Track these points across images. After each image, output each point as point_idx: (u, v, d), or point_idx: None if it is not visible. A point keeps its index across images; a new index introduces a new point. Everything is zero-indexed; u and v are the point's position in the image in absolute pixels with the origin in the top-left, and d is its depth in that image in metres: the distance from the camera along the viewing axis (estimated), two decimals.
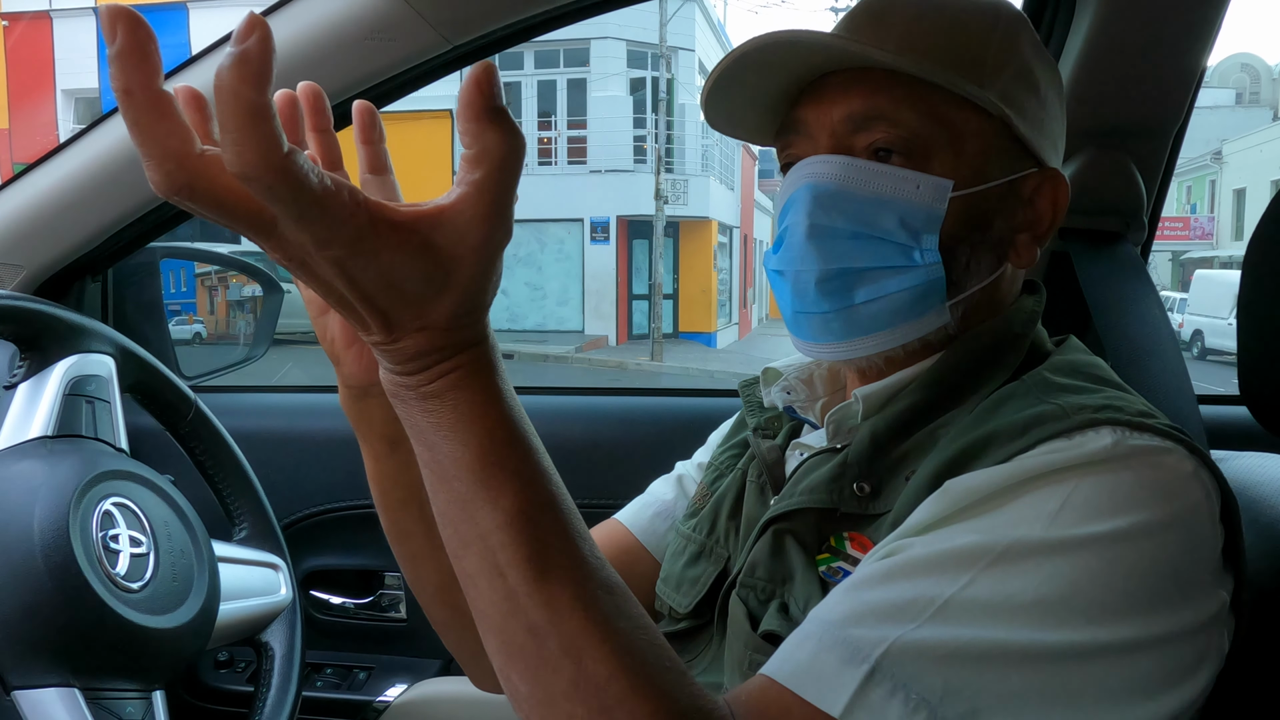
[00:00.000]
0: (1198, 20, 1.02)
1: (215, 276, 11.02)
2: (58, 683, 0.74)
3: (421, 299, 0.42)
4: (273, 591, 1.04)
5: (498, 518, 0.44)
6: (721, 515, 0.75)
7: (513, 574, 0.44)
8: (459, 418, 0.44)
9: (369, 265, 0.40)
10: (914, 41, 0.64)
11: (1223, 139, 23.82)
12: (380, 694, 1.32)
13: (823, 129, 0.65)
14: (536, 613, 0.44)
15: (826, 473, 0.64)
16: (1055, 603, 0.49)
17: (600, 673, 0.44)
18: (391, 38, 1.01)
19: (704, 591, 0.72)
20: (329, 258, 0.39)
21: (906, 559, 0.52)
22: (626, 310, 16.92)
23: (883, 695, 0.47)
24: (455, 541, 0.46)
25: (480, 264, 0.42)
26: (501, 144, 0.40)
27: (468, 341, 0.44)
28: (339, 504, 1.37)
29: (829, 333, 0.65)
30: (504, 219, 0.42)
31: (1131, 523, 0.51)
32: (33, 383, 0.87)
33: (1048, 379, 0.62)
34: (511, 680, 0.46)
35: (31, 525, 0.76)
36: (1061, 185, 0.67)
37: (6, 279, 1.17)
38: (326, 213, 0.38)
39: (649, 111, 15.94)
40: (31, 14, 17.27)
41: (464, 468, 0.44)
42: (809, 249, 0.64)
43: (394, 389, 0.45)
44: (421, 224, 0.41)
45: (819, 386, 0.76)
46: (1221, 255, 23.65)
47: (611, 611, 0.45)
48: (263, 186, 0.36)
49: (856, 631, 0.49)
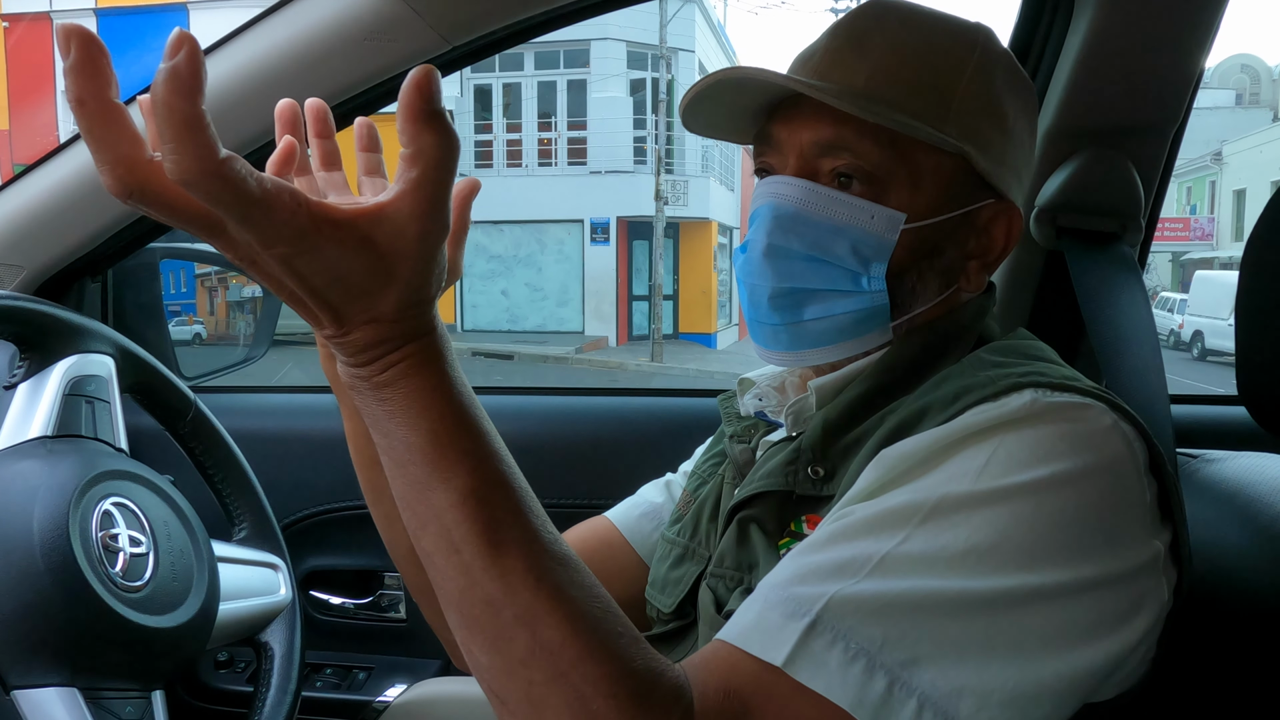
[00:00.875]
0: (1196, 20, 1.02)
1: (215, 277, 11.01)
2: (57, 682, 0.74)
3: (367, 292, 0.44)
4: (272, 591, 1.04)
5: (451, 497, 0.47)
6: (703, 518, 0.78)
7: (467, 549, 0.47)
8: (410, 404, 0.47)
9: (313, 261, 0.42)
10: (884, 75, 0.66)
11: (1223, 140, 23.80)
12: (380, 694, 1.33)
13: (792, 149, 0.68)
14: (491, 585, 0.47)
15: (782, 458, 0.67)
16: (986, 551, 0.51)
17: (554, 639, 0.46)
18: (391, 39, 1.01)
19: (686, 590, 0.74)
20: (275, 255, 0.42)
21: (845, 524, 0.55)
22: (627, 311, 16.92)
23: (823, 645, 0.49)
24: (414, 522, 0.48)
25: (420, 257, 0.44)
26: (437, 145, 0.43)
27: (415, 332, 0.47)
28: (338, 504, 1.37)
29: (778, 342, 0.70)
30: (439, 215, 0.44)
31: (1053, 471, 0.54)
32: (33, 383, 0.87)
33: (982, 358, 0.66)
34: (473, 653, 0.49)
35: (31, 525, 0.76)
36: (1016, 217, 0.70)
37: (6, 279, 1.17)
38: (268, 214, 0.40)
39: (649, 112, 15.95)
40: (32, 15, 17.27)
41: (417, 451, 0.47)
42: (765, 266, 0.68)
43: (349, 380, 0.48)
44: (361, 221, 0.43)
45: (790, 393, 0.79)
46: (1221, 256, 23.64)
47: (564, 581, 0.48)
48: (202, 191, 0.38)
49: (799, 589, 0.52)
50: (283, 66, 1.05)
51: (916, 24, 0.69)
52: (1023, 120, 0.71)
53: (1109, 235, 1.08)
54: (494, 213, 15.78)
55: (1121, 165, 1.08)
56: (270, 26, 1.05)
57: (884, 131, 0.65)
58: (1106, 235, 1.08)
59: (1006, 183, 0.70)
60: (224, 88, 1.06)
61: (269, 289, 0.45)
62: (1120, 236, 1.08)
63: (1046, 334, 0.77)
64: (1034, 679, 0.50)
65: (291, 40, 1.04)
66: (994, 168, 0.68)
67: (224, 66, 1.06)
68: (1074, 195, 1.08)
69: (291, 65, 1.05)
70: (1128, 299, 0.98)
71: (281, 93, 1.06)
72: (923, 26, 0.69)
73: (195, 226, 0.41)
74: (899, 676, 0.48)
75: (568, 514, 0.92)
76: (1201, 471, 0.84)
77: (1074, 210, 1.08)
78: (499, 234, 16.42)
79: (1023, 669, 0.50)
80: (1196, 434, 1.16)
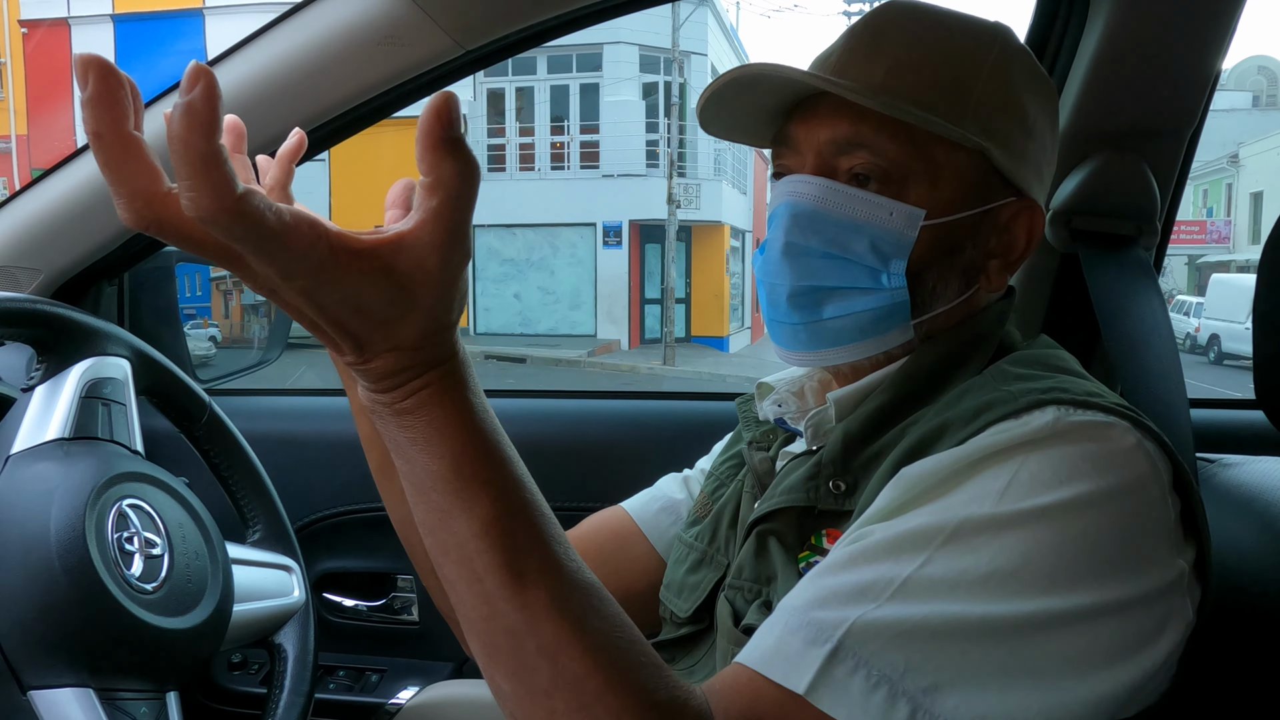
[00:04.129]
0: (1213, 22, 1.02)
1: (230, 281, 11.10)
2: (73, 683, 0.74)
3: (388, 321, 0.44)
4: (286, 593, 1.04)
5: (473, 526, 0.46)
6: (722, 524, 0.77)
7: (490, 579, 0.47)
8: (433, 432, 0.46)
9: (333, 292, 0.42)
10: (901, 72, 0.66)
11: (1239, 142, 23.61)
12: (392, 696, 1.33)
13: (810, 148, 0.68)
14: (514, 615, 0.47)
15: (803, 473, 0.67)
16: (1008, 575, 0.51)
17: (577, 670, 0.46)
18: (404, 43, 1.01)
19: (703, 597, 0.74)
20: (295, 288, 0.42)
21: (866, 544, 0.54)
22: (639, 314, 16.92)
23: (845, 672, 0.49)
24: (436, 550, 0.48)
25: (441, 285, 0.44)
26: (456, 173, 0.42)
27: (437, 359, 0.46)
28: (352, 507, 1.38)
29: (797, 341, 0.69)
30: (460, 243, 0.44)
31: (1077, 493, 0.53)
32: (50, 385, 0.88)
33: (1004, 370, 0.65)
34: (495, 679, 0.49)
35: (48, 526, 0.76)
36: (1038, 215, 0.70)
37: (24, 282, 1.18)
38: (286, 247, 0.40)
39: (661, 116, 15.96)
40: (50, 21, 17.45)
41: (439, 479, 0.46)
42: (783, 264, 0.67)
43: (372, 405, 0.47)
44: (382, 251, 0.42)
45: (809, 398, 0.78)
46: (1238, 259, 23.45)
47: (586, 611, 0.48)
48: (220, 228, 0.38)
49: (820, 614, 0.51)
50: (297, 72, 1.06)
51: (933, 23, 0.69)
52: (1044, 118, 0.70)
53: (1125, 238, 1.07)
54: (507, 216, 15.81)
55: (1137, 168, 1.07)
56: (285, 32, 1.06)
57: (901, 128, 0.64)
58: (1122, 238, 1.07)
59: (1027, 180, 0.69)
60: (239, 93, 1.06)
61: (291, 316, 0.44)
62: (1136, 240, 1.08)
63: (1061, 338, 0.76)
64: (1058, 704, 0.50)
65: (306, 45, 1.04)
66: (1014, 165, 0.68)
67: (239, 72, 1.07)
68: (1089, 198, 1.07)
69: (306, 70, 1.05)
70: (1144, 303, 0.97)
71: (296, 98, 1.07)
72: (939, 25, 0.69)
73: (214, 258, 0.42)
74: (921, 704, 0.48)
75: (579, 517, 0.92)
76: (1219, 476, 0.83)
77: (1089, 213, 1.07)
78: (512, 237, 16.46)
79: (1046, 694, 0.49)
80: (1214, 438, 1.15)
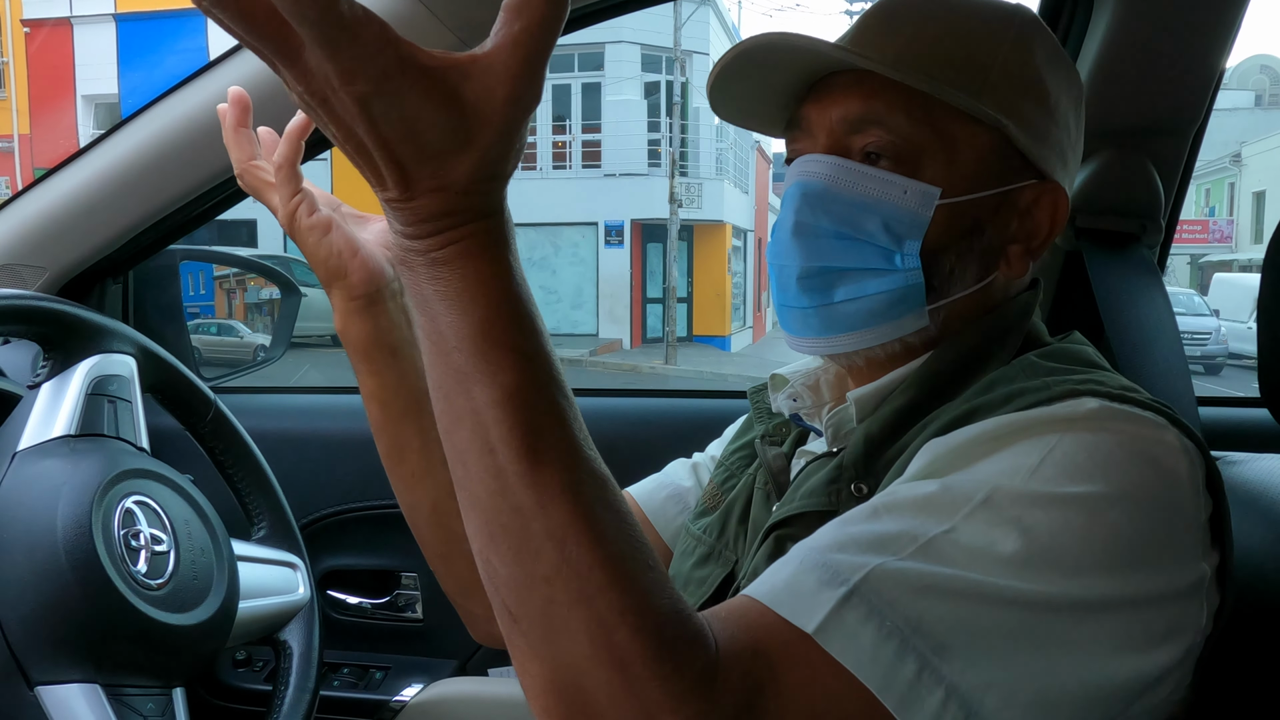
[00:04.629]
0: (1217, 20, 1.02)
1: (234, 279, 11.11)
2: (80, 679, 0.75)
3: (441, 154, 0.41)
4: (291, 590, 1.04)
5: (494, 393, 0.43)
6: (732, 519, 0.75)
7: (504, 451, 0.43)
8: (465, 287, 0.43)
9: (392, 108, 0.39)
10: (917, 47, 0.64)
11: (1242, 141, 23.57)
12: (397, 693, 1.33)
13: (822, 128, 0.66)
14: (524, 493, 0.43)
15: (824, 476, 0.64)
16: (1034, 555, 0.49)
17: (583, 560, 0.43)
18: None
19: (710, 593, 0.72)
20: (352, 94, 0.38)
21: (891, 500, 0.53)
22: (640, 314, 16.92)
23: (857, 619, 0.47)
24: (448, 416, 0.45)
25: (505, 123, 0.41)
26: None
27: (483, 210, 0.43)
28: (356, 504, 1.38)
29: (808, 327, 0.67)
30: (535, 79, 0.40)
31: (1110, 482, 0.51)
32: (56, 382, 0.88)
33: (1034, 362, 0.63)
34: (491, 563, 0.45)
35: (55, 523, 0.77)
36: (1062, 199, 0.67)
37: (30, 280, 1.18)
38: (354, 42, 0.37)
39: (663, 115, 15.95)
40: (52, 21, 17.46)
41: (465, 339, 0.43)
42: (793, 245, 0.65)
43: (403, 255, 0.44)
44: (451, 73, 0.39)
45: (825, 392, 0.76)
46: (1241, 258, 23.41)
47: (600, 502, 0.45)
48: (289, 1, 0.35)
49: (838, 556, 0.50)
50: None
51: (951, 3, 0.67)
52: (1067, 100, 0.68)
53: (1128, 236, 1.07)
54: None
55: (1141, 165, 1.07)
56: None
57: (917, 104, 0.63)
58: (1125, 236, 1.07)
59: (1050, 162, 0.66)
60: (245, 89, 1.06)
61: (335, 139, 0.41)
62: (1139, 238, 1.08)
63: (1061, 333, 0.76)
64: (1058, 683, 0.49)
65: None
66: (1035, 145, 0.65)
67: (244, 69, 1.07)
68: (1093, 196, 1.07)
69: None
70: (1148, 302, 0.97)
71: None
72: (957, 6, 0.67)
73: (271, 45, 0.38)
74: (929, 662, 0.47)
75: None
76: (1224, 473, 0.83)
77: (1093, 211, 1.07)
78: None
79: (1050, 671, 0.49)
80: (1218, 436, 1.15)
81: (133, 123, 1.13)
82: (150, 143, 1.12)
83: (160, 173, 1.12)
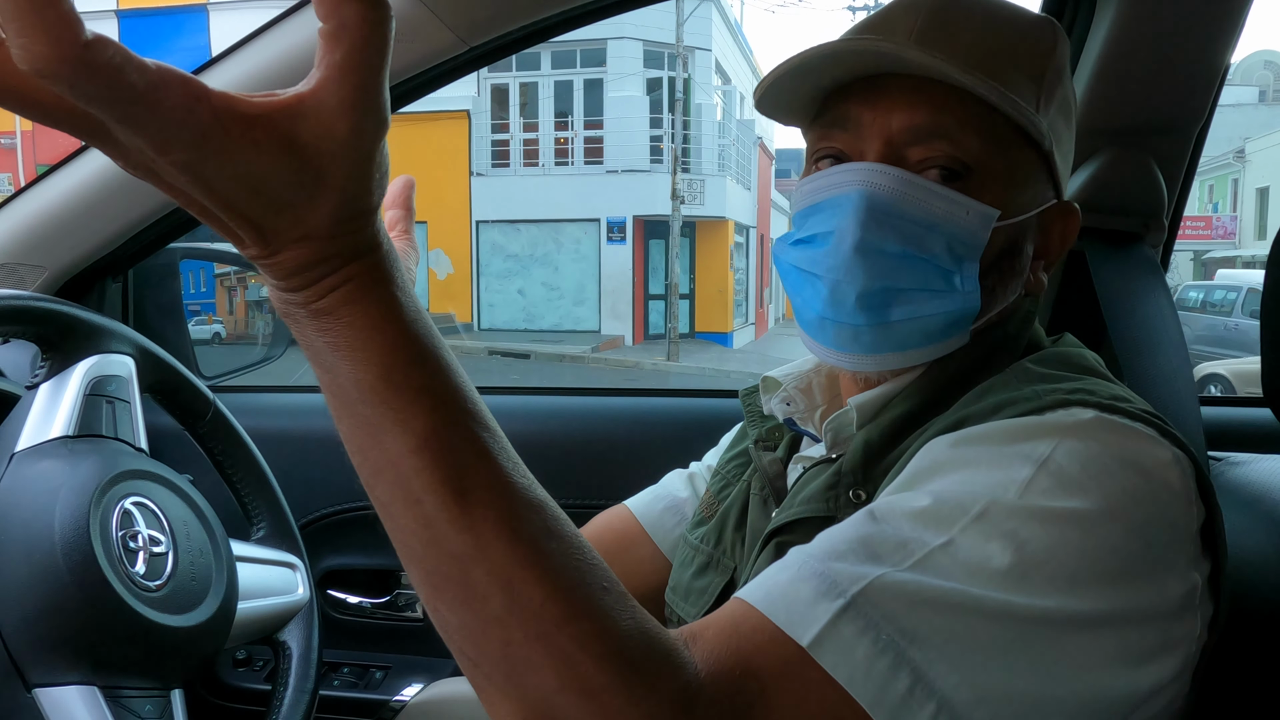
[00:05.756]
0: (1221, 16, 1.01)
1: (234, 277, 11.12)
2: (78, 681, 0.74)
3: (293, 204, 0.37)
4: (290, 591, 1.04)
5: (409, 441, 0.41)
6: (728, 527, 0.75)
7: (430, 500, 0.41)
8: (356, 335, 0.40)
9: (222, 168, 0.35)
10: (984, 59, 0.62)
11: (1245, 137, 23.51)
12: (397, 693, 1.33)
13: (877, 134, 0.63)
14: (458, 539, 0.41)
15: (823, 482, 0.64)
16: (1030, 569, 0.49)
17: (534, 596, 0.41)
18: (408, 39, 1.01)
19: (711, 602, 0.72)
20: (174, 162, 0.35)
21: (888, 508, 0.53)
22: (643, 310, 16.91)
23: (854, 632, 0.46)
24: (366, 470, 0.43)
25: (354, 159, 0.37)
26: (362, 16, 0.35)
27: (356, 250, 0.40)
28: (356, 504, 1.38)
29: (857, 344, 0.65)
30: (374, 105, 0.37)
31: (1104, 494, 0.51)
32: (54, 383, 0.88)
33: (1028, 369, 0.63)
34: (440, 613, 0.44)
35: (52, 524, 0.77)
36: (1073, 217, 0.68)
37: (29, 280, 1.18)
38: (154, 112, 0.33)
39: (666, 111, 15.92)
40: None
41: (367, 389, 0.40)
42: (856, 261, 0.61)
43: (283, 308, 0.41)
44: (279, 117, 0.36)
45: (817, 395, 0.76)
46: (1244, 254, 23.36)
47: (541, 532, 0.42)
48: (65, 86, 0.31)
49: (836, 565, 0.49)
50: (302, 67, 1.05)
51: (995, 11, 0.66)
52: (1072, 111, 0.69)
53: (1131, 235, 1.07)
54: (511, 212, 15.82)
55: (1144, 164, 1.07)
56: (289, 27, 1.06)
57: (985, 123, 0.61)
58: (1128, 235, 1.07)
59: (1066, 181, 0.67)
60: (246, 87, 1.06)
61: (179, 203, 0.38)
62: (1142, 237, 1.07)
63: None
64: (1051, 697, 0.49)
65: (310, 41, 1.04)
66: (1064, 165, 0.66)
67: (243, 68, 1.07)
68: (1096, 194, 1.07)
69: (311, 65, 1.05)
70: (1151, 301, 0.96)
71: None
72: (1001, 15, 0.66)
73: (70, 127, 0.35)
74: (923, 676, 0.46)
75: (583, 515, 0.91)
76: (1227, 474, 0.83)
77: (1095, 210, 1.07)
78: (516, 233, 16.45)
79: (1043, 685, 0.48)
80: (1221, 436, 1.14)
81: None
82: None
83: None
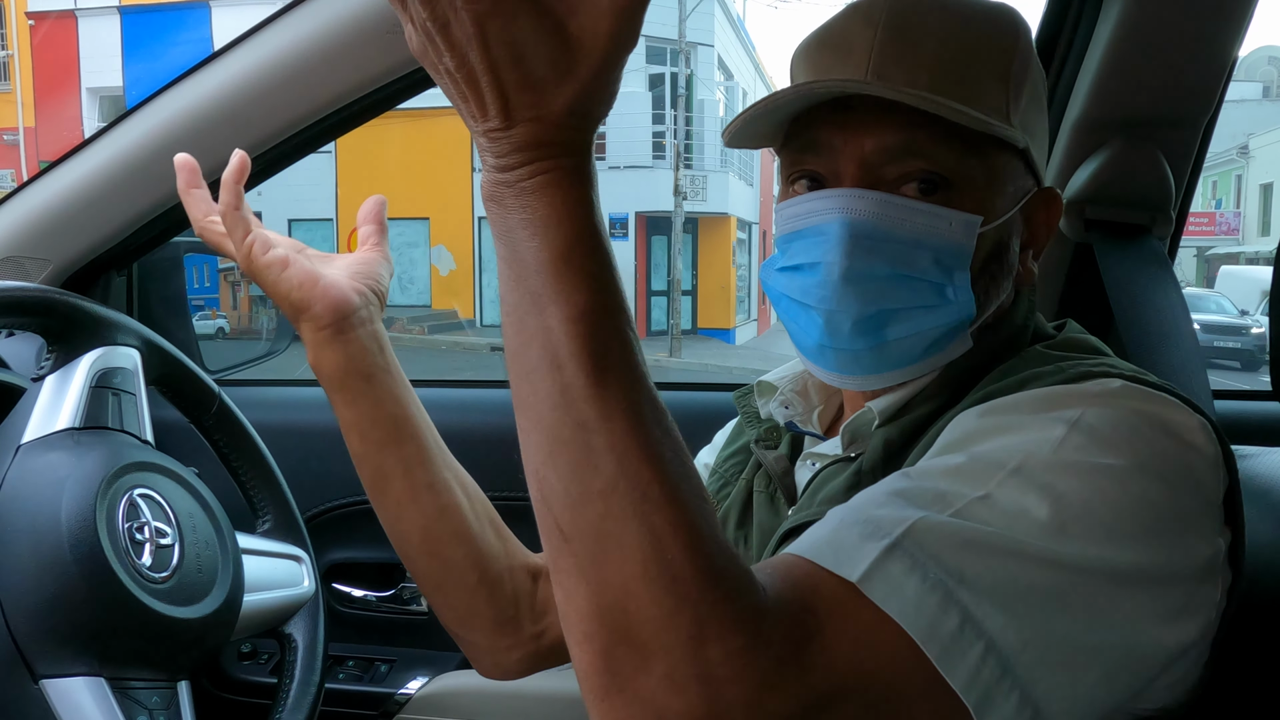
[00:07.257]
0: (1228, 9, 1.01)
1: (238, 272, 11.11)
2: (85, 672, 0.74)
3: (543, 83, 0.43)
4: (296, 584, 1.04)
5: (568, 310, 0.45)
6: (729, 526, 0.75)
7: (571, 366, 0.45)
8: (551, 214, 0.45)
9: (504, 31, 0.41)
10: (948, 70, 0.62)
11: (1249, 133, 23.46)
12: (402, 686, 1.33)
13: (851, 157, 0.63)
14: (588, 408, 0.44)
15: (843, 482, 0.64)
16: (1068, 520, 0.50)
17: (641, 474, 0.44)
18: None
19: None
20: (473, 11, 0.41)
21: (922, 469, 0.54)
22: (645, 306, 16.91)
23: (901, 569, 0.47)
24: (519, 339, 0.47)
25: (605, 59, 0.43)
26: None
27: (573, 146, 0.45)
28: (361, 497, 1.36)
29: (858, 366, 0.65)
30: (636, 18, 0.43)
31: (1139, 455, 0.53)
32: (60, 375, 0.88)
33: (1044, 352, 0.64)
34: (548, 480, 0.46)
35: (59, 516, 0.77)
36: (1055, 202, 0.69)
37: (33, 273, 1.18)
38: None
39: (668, 107, 15.91)
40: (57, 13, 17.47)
41: (545, 264, 0.45)
42: (846, 291, 0.62)
43: (491, 189, 0.46)
44: (560, 4, 0.42)
45: (814, 396, 0.77)
46: (1247, 251, 23.33)
47: (659, 426, 0.46)
48: None
49: (879, 513, 0.50)
50: (304, 62, 1.05)
51: (954, 11, 0.65)
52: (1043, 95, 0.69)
53: (1138, 228, 1.07)
54: None
55: (1152, 156, 1.07)
56: (292, 21, 1.05)
57: (955, 132, 0.61)
58: (1136, 228, 1.06)
59: (1044, 168, 0.68)
60: (246, 85, 1.06)
61: (445, 71, 0.44)
62: (1150, 230, 1.07)
63: None
64: (1089, 647, 0.49)
65: (313, 35, 1.04)
66: (1040, 156, 0.67)
67: (247, 62, 1.07)
68: (1103, 187, 1.07)
69: (313, 60, 1.05)
70: (1160, 294, 0.96)
71: (304, 88, 1.07)
72: (960, 13, 0.65)
73: None
74: (971, 616, 0.46)
75: None
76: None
77: (1103, 202, 1.07)
78: None
79: (1085, 632, 0.49)
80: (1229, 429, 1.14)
81: (137, 115, 1.12)
82: (154, 135, 1.11)
83: (164, 164, 1.11)
